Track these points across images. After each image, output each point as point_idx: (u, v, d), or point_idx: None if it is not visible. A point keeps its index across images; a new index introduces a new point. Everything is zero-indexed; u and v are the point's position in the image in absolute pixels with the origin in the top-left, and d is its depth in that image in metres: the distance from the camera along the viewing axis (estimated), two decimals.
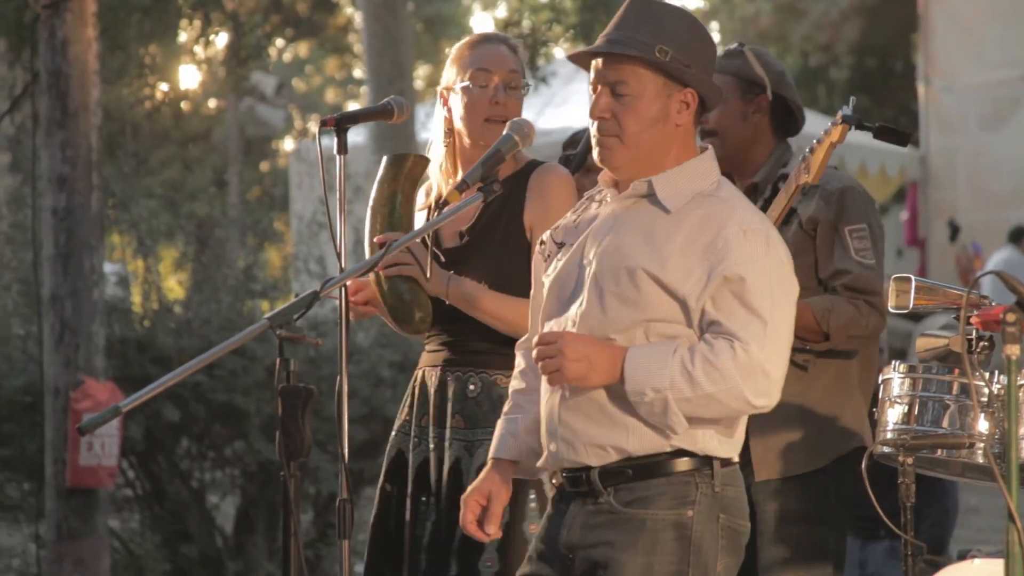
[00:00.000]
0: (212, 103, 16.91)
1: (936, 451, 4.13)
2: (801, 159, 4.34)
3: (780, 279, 3.49)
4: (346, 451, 3.68)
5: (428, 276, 4.22)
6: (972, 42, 17.45)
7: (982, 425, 4.07)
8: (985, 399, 4.06)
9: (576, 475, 3.56)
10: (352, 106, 25.20)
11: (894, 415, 4.20)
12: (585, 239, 3.60)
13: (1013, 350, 3.27)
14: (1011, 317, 3.29)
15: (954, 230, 17.00)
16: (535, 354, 3.50)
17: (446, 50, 4.47)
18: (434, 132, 4.47)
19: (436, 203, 4.32)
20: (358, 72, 25.49)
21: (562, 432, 3.54)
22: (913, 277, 4.17)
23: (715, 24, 24.14)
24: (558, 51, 15.86)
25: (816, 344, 4.51)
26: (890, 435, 4.16)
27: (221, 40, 13.14)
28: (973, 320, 3.72)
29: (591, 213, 3.67)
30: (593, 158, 3.65)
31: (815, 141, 4.32)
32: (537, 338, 3.54)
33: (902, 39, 20.96)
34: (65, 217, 7.49)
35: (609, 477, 3.51)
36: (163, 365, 8.34)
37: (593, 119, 3.57)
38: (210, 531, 8.88)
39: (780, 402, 4.48)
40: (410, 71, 14.31)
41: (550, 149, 4.90)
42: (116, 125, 10.93)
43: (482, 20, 24.49)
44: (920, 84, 18.18)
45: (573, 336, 3.48)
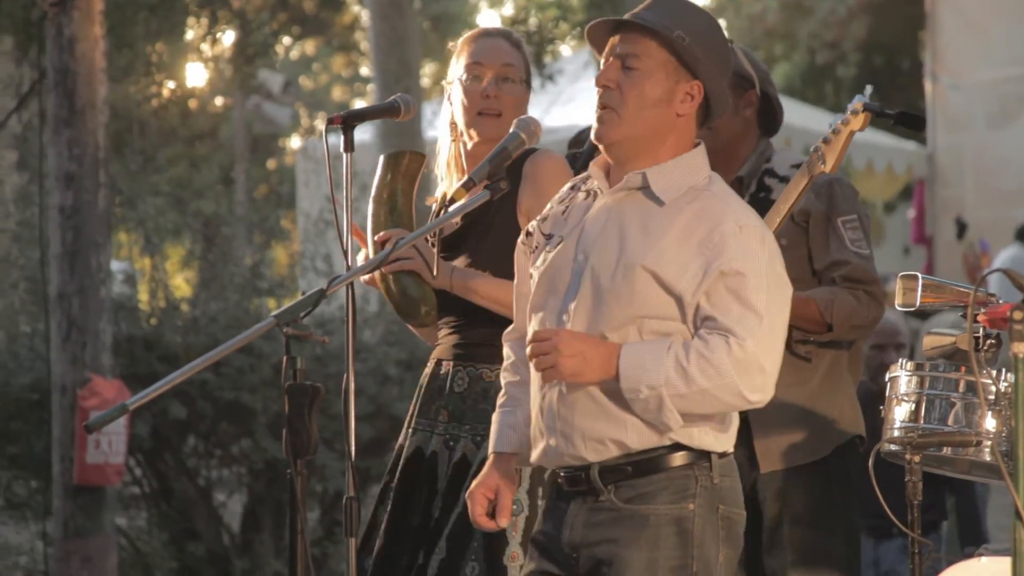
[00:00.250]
0: (219, 101, 16.90)
1: (943, 449, 4.13)
2: (814, 149, 4.35)
3: (774, 275, 3.50)
4: (353, 449, 3.68)
5: (435, 273, 4.22)
6: (980, 40, 17.43)
7: (989, 423, 4.08)
8: (992, 397, 4.07)
9: (575, 474, 3.55)
10: (359, 104, 25.23)
11: (901, 413, 4.21)
12: (579, 233, 3.59)
13: (1020, 348, 3.26)
14: (1018, 315, 3.28)
15: (961, 228, 16.96)
16: (529, 351, 3.50)
17: (452, 45, 4.47)
18: (440, 129, 4.48)
19: (443, 200, 4.33)
20: (365, 70, 25.50)
21: (560, 427, 3.54)
22: (920, 275, 4.17)
23: (722, 22, 24.11)
24: (565, 49, 15.87)
25: (819, 336, 4.53)
26: (897, 433, 4.16)
27: (228, 38, 13.17)
28: (980, 318, 3.72)
29: (581, 204, 3.65)
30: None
31: (830, 131, 4.33)
32: (532, 335, 3.54)
33: (909, 36, 20.95)
34: (72, 215, 7.49)
35: (609, 475, 3.51)
36: (170, 363, 8.35)
37: (598, 86, 3.55)
38: (217, 529, 8.88)
39: (783, 394, 4.52)
40: (417, 69, 14.28)
41: (556, 147, 4.88)
42: (123, 123, 10.95)
43: (489, 18, 24.49)
44: (927, 81, 18.15)
45: (569, 333, 3.47)
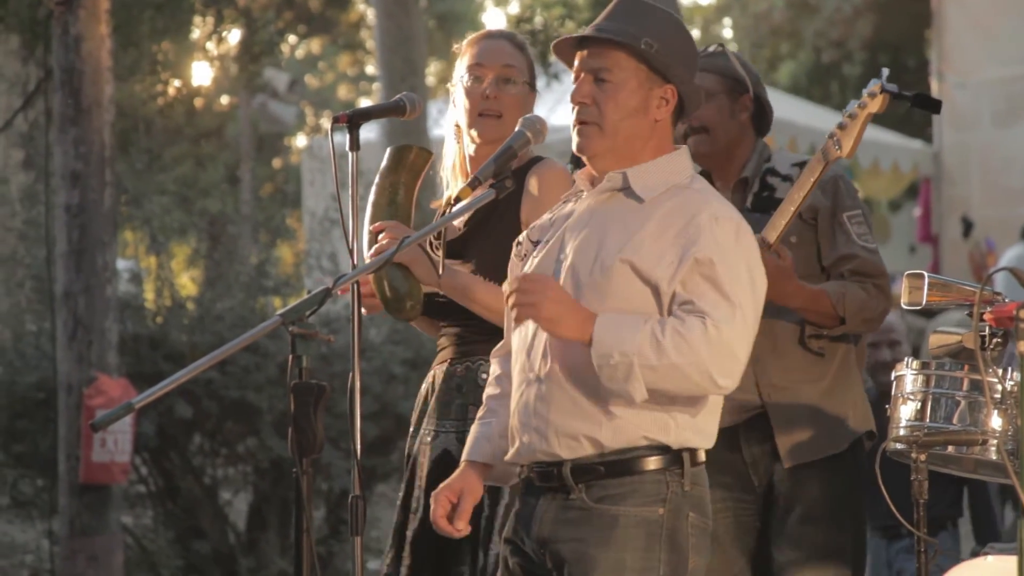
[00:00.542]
0: (224, 99, 16.92)
1: (948, 447, 4.13)
2: (829, 136, 4.37)
3: (749, 268, 3.51)
4: (358, 447, 3.68)
5: (440, 273, 4.21)
6: (986, 38, 17.42)
7: (995, 421, 4.07)
8: (998, 395, 4.06)
9: (547, 470, 3.56)
10: (364, 102, 25.25)
11: (907, 411, 4.21)
12: (562, 234, 3.63)
13: None
14: None
15: (967, 226, 16.96)
16: (512, 287, 3.48)
17: (457, 47, 4.48)
18: (446, 132, 4.49)
19: (448, 200, 4.33)
20: (370, 68, 25.50)
21: (535, 423, 3.55)
22: (926, 273, 4.17)
23: (728, 20, 24.12)
24: None
25: (832, 329, 4.54)
26: (903, 431, 4.16)
27: (234, 37, 13.17)
28: (986, 316, 3.72)
29: (566, 210, 3.70)
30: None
31: (846, 116, 4.34)
32: (520, 276, 3.53)
33: (915, 35, 20.93)
34: (78, 213, 7.50)
35: (581, 473, 3.52)
36: (176, 361, 8.36)
37: (574, 104, 3.59)
38: (223, 527, 8.89)
39: (802, 390, 4.54)
40: (422, 68, 14.30)
41: (562, 146, 4.89)
42: (129, 122, 10.94)
43: (494, 16, 24.47)
44: (933, 80, 18.14)
45: (557, 283, 3.50)
